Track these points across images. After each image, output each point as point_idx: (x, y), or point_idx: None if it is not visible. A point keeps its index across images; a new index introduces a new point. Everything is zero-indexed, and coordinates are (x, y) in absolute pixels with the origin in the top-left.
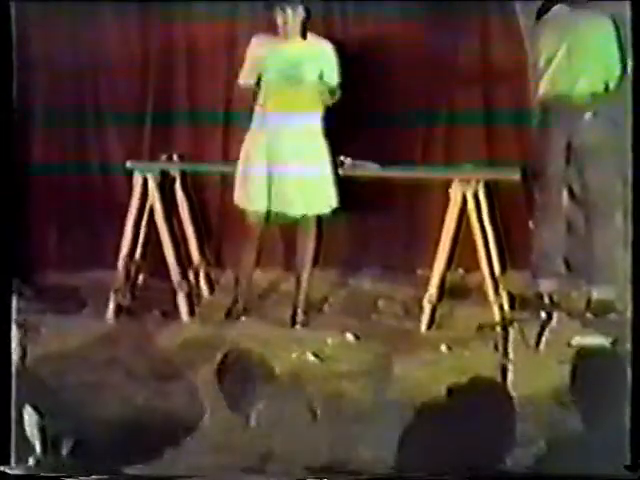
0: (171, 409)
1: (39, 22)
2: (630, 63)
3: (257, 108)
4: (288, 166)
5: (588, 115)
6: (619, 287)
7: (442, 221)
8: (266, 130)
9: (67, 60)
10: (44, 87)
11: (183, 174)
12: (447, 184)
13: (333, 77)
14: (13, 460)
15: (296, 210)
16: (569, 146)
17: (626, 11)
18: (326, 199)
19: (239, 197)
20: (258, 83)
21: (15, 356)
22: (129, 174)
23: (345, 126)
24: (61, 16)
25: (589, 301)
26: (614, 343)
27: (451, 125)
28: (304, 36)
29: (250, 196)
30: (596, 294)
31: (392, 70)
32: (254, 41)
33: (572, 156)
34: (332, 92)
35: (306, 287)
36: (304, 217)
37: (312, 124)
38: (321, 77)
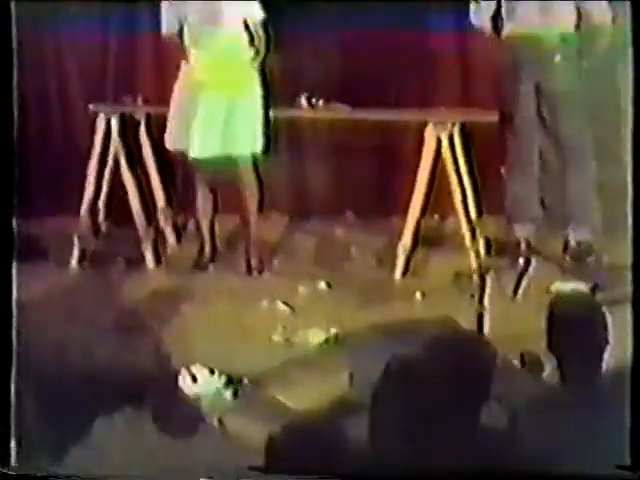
0: (136, 362)
1: None
2: (630, 63)
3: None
4: (215, 106)
5: (557, 57)
6: (595, 230)
7: (416, 166)
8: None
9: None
10: None
11: (148, 117)
12: (421, 127)
13: (254, 14)
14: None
15: (222, 150)
16: (538, 89)
17: (626, 11)
18: (251, 141)
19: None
20: (181, 31)
21: None
22: (92, 117)
23: (316, 67)
24: None
25: (566, 245)
26: (593, 289)
27: (426, 68)
28: None
29: (180, 138)
30: (573, 237)
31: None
32: None
33: (542, 99)
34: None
35: (254, 233)
36: (239, 161)
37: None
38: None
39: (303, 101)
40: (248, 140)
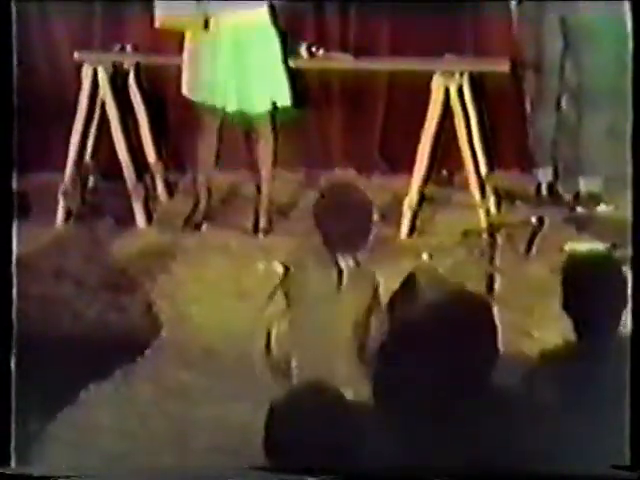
0: (125, 323)
1: None
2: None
3: None
4: (236, 58)
5: None
6: (607, 179)
7: (423, 118)
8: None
9: None
10: None
11: (137, 66)
12: (428, 77)
13: None
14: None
15: (244, 105)
16: (564, 27)
17: (626, 11)
18: (277, 94)
19: (187, 87)
20: None
21: None
22: (78, 66)
23: (318, 15)
24: None
25: (577, 194)
26: (612, 247)
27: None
28: None
29: (197, 87)
30: (584, 186)
31: None
32: None
33: (568, 38)
34: None
35: (267, 191)
36: (257, 114)
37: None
38: None
39: (303, 51)
40: (276, 93)
